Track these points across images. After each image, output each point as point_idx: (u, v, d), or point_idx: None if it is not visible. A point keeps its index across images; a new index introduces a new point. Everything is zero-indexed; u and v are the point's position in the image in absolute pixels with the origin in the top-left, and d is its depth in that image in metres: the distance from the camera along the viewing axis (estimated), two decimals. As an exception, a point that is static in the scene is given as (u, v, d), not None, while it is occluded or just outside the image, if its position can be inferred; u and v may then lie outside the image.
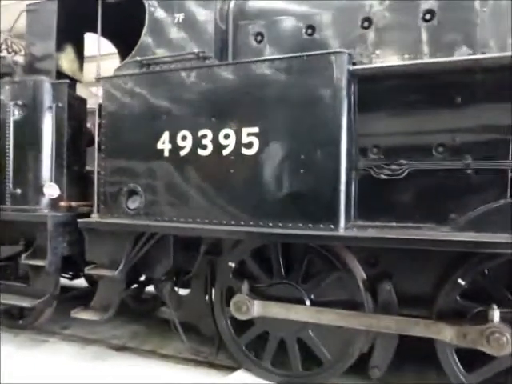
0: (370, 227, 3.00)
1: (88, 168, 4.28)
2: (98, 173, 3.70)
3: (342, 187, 2.87)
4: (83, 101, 4.28)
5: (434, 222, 2.94)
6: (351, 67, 2.90)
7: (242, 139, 3.12)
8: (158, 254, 3.55)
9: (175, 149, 3.34)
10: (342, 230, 2.86)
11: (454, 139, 2.91)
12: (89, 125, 4.30)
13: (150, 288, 4.75)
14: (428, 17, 2.91)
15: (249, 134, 3.10)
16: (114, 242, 3.58)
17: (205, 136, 3.24)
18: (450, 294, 2.84)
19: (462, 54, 2.80)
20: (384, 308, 3.00)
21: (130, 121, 3.53)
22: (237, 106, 3.15)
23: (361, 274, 3.10)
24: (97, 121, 3.72)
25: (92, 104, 4.27)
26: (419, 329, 2.79)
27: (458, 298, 2.82)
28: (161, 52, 3.48)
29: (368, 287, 3.07)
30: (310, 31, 3.21)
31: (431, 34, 2.92)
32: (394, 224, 3.02)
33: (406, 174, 3.02)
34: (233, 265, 3.44)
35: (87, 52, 4.76)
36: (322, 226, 2.88)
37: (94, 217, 3.68)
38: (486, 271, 2.77)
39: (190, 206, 3.29)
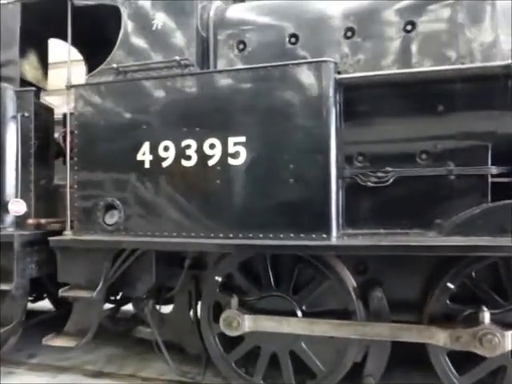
0: (359, 235, 3.01)
1: (56, 182, 4.00)
2: (71, 187, 3.46)
3: (333, 196, 2.86)
4: (50, 110, 4.02)
5: (421, 228, 3.00)
6: (337, 76, 2.91)
7: (228, 149, 3.03)
8: (140, 270, 3.36)
9: (157, 160, 3.20)
10: (334, 239, 2.84)
11: (436, 146, 3.00)
12: (56, 135, 4.02)
13: (125, 307, 4.52)
14: (409, 28, 2.99)
15: (235, 144, 3.02)
16: (90, 261, 3.35)
17: (188, 146, 3.12)
18: (439, 298, 2.88)
19: (444, 64, 2.89)
20: (376, 315, 2.99)
21: (105, 131, 3.35)
22: (222, 115, 3.06)
23: (351, 282, 3.09)
24: (68, 131, 3.49)
25: (59, 114, 4.02)
26: (412, 334, 2.80)
27: (447, 301, 2.88)
28: (139, 59, 3.32)
29: (359, 295, 3.06)
30: (293, 40, 3.20)
31: (412, 44, 3.00)
32: (382, 231, 3.05)
33: (391, 181, 3.07)
34: (220, 279, 3.31)
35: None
36: (314, 235, 2.85)
37: (68, 234, 3.42)
38: (473, 274, 2.84)
39: (174, 219, 3.15)
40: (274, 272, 3.25)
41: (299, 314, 3.13)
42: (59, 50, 4.25)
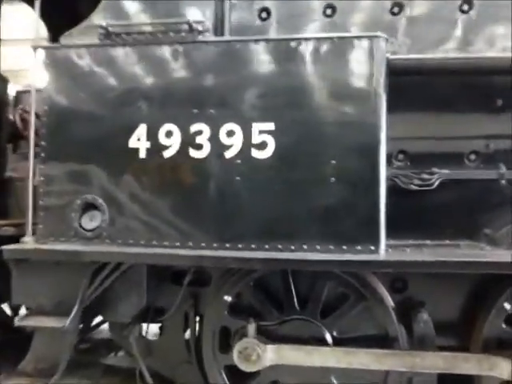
0: (403, 247, 2.54)
1: (10, 173, 3.11)
2: (35, 179, 2.64)
3: (382, 199, 2.36)
4: (2, 80, 3.12)
5: (469, 239, 2.61)
6: (390, 56, 2.42)
7: (251, 138, 2.42)
8: (126, 289, 2.63)
9: (156, 148, 2.50)
10: (383, 253, 2.33)
11: (487, 146, 2.63)
12: (12, 115, 3.14)
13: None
14: (466, 8, 2.58)
15: (261, 132, 2.42)
16: (61, 278, 2.56)
17: (199, 132, 2.47)
18: (494, 321, 2.50)
19: (506, 51, 2.51)
20: (421, 341, 2.53)
21: (86, 108, 2.58)
22: (244, 94, 2.45)
23: (390, 302, 2.61)
24: (32, 108, 2.67)
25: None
26: (470, 365, 2.38)
27: (503, 324, 2.49)
28: (136, 17, 2.60)
29: (400, 318, 2.59)
30: (329, 12, 2.66)
31: (470, 26, 2.59)
32: (429, 242, 2.62)
33: (437, 184, 2.64)
34: (229, 299, 2.68)
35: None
36: (359, 247, 2.32)
37: (28, 241, 2.60)
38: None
39: (178, 224, 2.47)
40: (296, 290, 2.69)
41: (329, 340, 2.59)
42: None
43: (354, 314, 2.61)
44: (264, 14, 2.70)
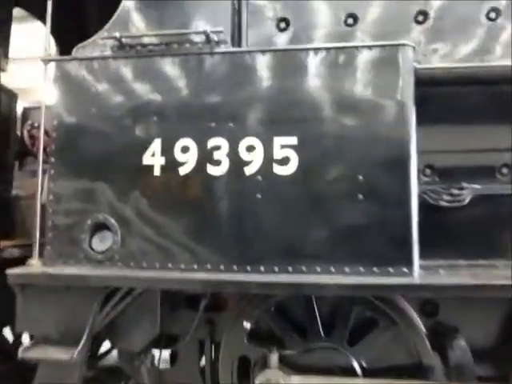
0: (437, 268, 2.36)
1: (17, 191, 2.98)
2: (42, 198, 2.50)
3: (414, 217, 2.20)
4: (12, 96, 3.02)
5: (502, 257, 2.44)
6: (417, 65, 2.30)
7: (273, 153, 2.29)
8: (139, 316, 2.45)
9: (172, 165, 2.36)
10: (417, 275, 2.16)
11: (520, 159, 2.48)
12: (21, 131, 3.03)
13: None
14: (493, 15, 2.47)
15: (283, 146, 2.28)
16: (69, 304, 2.38)
17: (217, 147, 2.33)
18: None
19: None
20: (458, 372, 2.33)
21: (98, 123, 2.46)
22: (265, 107, 2.32)
23: (422, 328, 2.42)
24: (42, 124, 2.55)
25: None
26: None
27: (548, 352, 2.30)
28: (150, 28, 2.50)
29: (433, 345, 2.40)
30: (350, 21, 2.55)
31: (497, 34, 2.48)
32: (463, 262, 2.44)
33: (468, 200, 2.48)
34: (248, 325, 2.50)
35: None
36: (391, 269, 2.15)
37: (35, 264, 2.44)
38: None
39: (193, 246, 2.31)
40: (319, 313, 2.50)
41: (358, 371, 2.39)
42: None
43: (384, 341, 2.42)
44: (283, 25, 2.60)
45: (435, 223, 2.45)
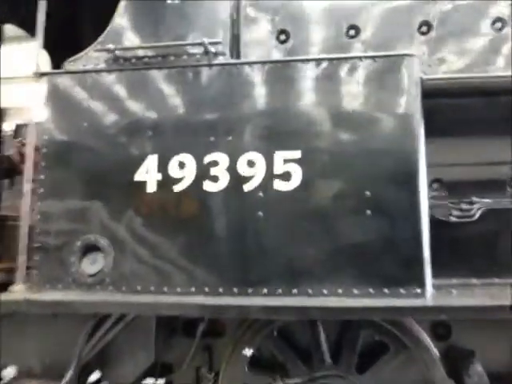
0: (449, 287, 2.23)
1: (5, 212, 2.83)
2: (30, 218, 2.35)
3: (425, 234, 2.08)
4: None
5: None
6: (424, 76, 2.22)
7: (274, 168, 2.17)
8: (132, 344, 2.28)
9: (167, 181, 2.23)
10: (430, 296, 2.02)
11: (530, 172, 2.39)
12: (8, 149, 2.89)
13: None
14: (499, 25, 2.41)
15: (286, 161, 2.17)
16: (55, 333, 2.21)
17: (215, 163, 2.21)
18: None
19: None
20: (475, 399, 2.18)
21: (89, 139, 2.33)
22: (267, 119, 2.22)
23: (435, 351, 2.27)
24: (30, 138, 2.42)
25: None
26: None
27: None
28: (145, 41, 2.41)
29: (448, 370, 2.25)
30: (352, 32, 2.48)
31: (502, 44, 2.42)
32: (475, 281, 2.31)
33: (478, 215, 2.38)
34: (249, 352, 2.33)
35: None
36: (402, 290, 2.02)
37: (19, 290, 2.27)
38: None
39: (190, 268, 2.16)
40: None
41: (368, 400, 2.23)
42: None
43: (395, 367, 2.27)
44: (282, 37, 2.52)
45: (445, 240, 2.33)
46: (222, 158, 2.21)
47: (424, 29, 2.44)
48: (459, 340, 2.37)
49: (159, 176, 2.24)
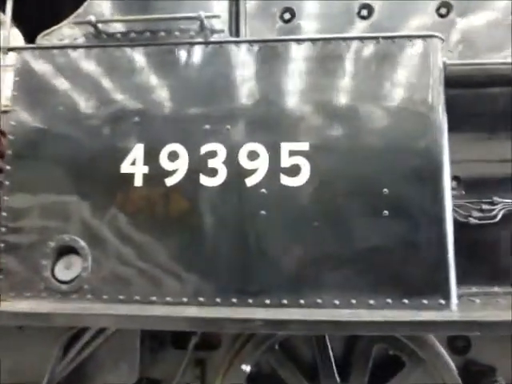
0: (471, 296, 2.02)
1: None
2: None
3: (450, 238, 1.85)
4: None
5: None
6: (448, 61, 1.98)
7: (280, 161, 1.91)
8: (114, 358, 1.99)
9: (156, 174, 1.95)
10: (455, 308, 1.79)
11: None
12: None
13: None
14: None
15: (292, 153, 1.91)
16: (23, 348, 1.90)
17: (213, 154, 1.94)
18: None
19: None
20: (499, 420, 1.97)
21: (66, 125, 2.03)
22: (270, 107, 1.95)
23: (453, 367, 2.05)
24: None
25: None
26: None
27: None
28: (131, 13, 2.10)
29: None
30: (364, 13, 2.23)
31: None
32: (497, 289, 2.10)
33: (500, 216, 2.17)
34: (247, 368, 2.06)
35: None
36: (425, 301, 1.78)
37: (-19, 298, 1.95)
38: None
39: (182, 274, 1.89)
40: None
41: (381, 423, 1.99)
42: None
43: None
44: (287, 15, 2.25)
45: (463, 243, 2.10)
46: (220, 149, 1.93)
47: (443, 10, 2.21)
48: (479, 355, 2.15)
49: (147, 168, 1.95)
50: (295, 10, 2.24)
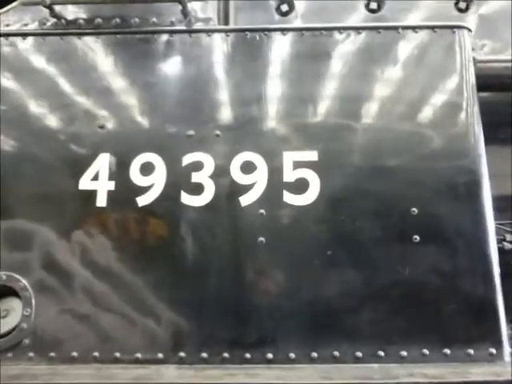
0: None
1: None
2: None
3: (496, 268, 1.48)
4: None
5: None
6: (478, 56, 1.69)
7: (283, 174, 1.52)
8: None
9: (125, 192, 1.52)
10: (508, 358, 1.41)
11: None
12: None
13: None
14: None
15: (298, 165, 1.53)
16: None
17: (198, 166, 1.54)
18: None
19: None
20: None
21: (8, 128, 1.59)
22: (269, 107, 1.58)
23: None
24: None
25: None
26: None
27: None
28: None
29: None
30: (373, 6, 1.93)
31: None
32: (545, 329, 1.73)
33: (537, 239, 1.84)
34: None
35: None
36: (471, 351, 1.39)
37: None
38: None
39: (157, 322, 1.43)
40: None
41: None
42: None
43: None
44: (284, 7, 1.92)
45: (501, 272, 1.75)
46: (207, 160, 1.54)
47: (462, 5, 1.93)
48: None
49: (114, 184, 1.53)
50: (291, 2, 1.92)
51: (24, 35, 1.67)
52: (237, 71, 1.62)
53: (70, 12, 1.69)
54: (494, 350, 1.39)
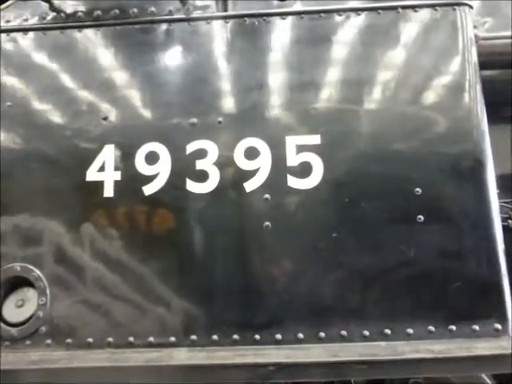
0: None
1: None
2: None
3: (501, 246, 1.50)
4: None
5: None
6: (481, 34, 1.67)
7: (286, 158, 1.53)
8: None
9: (131, 181, 1.55)
10: (513, 334, 1.43)
11: None
12: None
13: None
14: None
15: (300, 149, 1.54)
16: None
17: (202, 153, 1.55)
18: None
19: None
20: None
21: (12, 123, 1.62)
22: (272, 91, 1.59)
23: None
24: None
25: None
26: None
27: None
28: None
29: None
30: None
31: None
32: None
33: (544, 219, 1.84)
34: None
35: None
36: (476, 327, 1.42)
37: None
38: None
39: (168, 307, 1.47)
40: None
41: None
42: None
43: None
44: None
45: (506, 250, 1.76)
46: (211, 147, 1.55)
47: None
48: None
49: (120, 174, 1.56)
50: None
51: (24, 30, 1.68)
52: (237, 58, 1.62)
53: (69, 5, 1.69)
54: (499, 326, 1.41)
